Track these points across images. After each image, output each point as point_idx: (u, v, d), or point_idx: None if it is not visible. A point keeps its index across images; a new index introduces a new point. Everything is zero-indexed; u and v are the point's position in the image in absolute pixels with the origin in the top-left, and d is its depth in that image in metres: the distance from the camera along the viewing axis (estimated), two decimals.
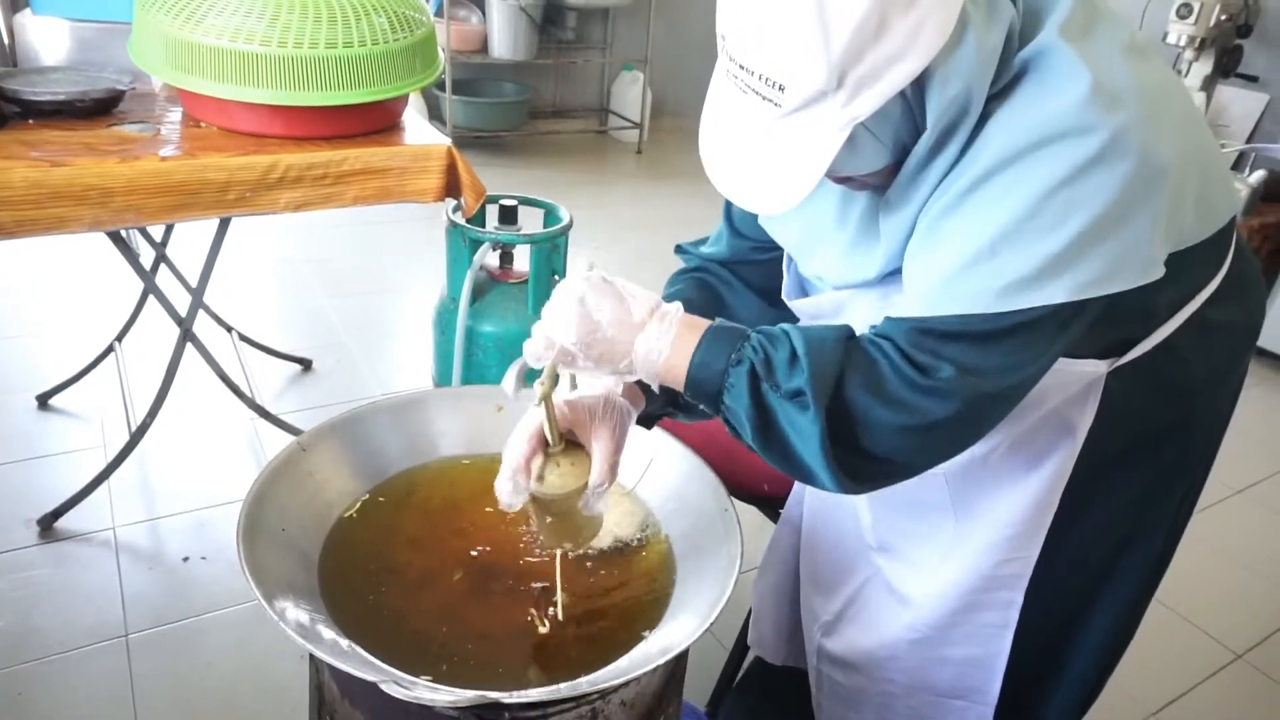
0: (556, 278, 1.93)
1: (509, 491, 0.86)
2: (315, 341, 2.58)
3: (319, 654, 0.77)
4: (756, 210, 0.81)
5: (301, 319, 2.77)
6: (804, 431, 0.77)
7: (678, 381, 0.82)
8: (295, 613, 0.84)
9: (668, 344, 0.81)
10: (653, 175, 4.62)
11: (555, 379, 0.84)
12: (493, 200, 1.87)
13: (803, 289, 1.02)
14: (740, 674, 1.49)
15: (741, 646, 1.48)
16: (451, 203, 1.85)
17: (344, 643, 0.85)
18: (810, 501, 1.18)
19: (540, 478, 0.87)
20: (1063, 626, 1.06)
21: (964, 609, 1.01)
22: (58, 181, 1.29)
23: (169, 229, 2.12)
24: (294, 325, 2.71)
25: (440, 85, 4.21)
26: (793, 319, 1.15)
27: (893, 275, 0.86)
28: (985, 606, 1.01)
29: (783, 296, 1.03)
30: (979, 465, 0.95)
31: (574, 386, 0.93)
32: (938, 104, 0.74)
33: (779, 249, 1.05)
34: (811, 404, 0.76)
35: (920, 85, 0.73)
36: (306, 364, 2.45)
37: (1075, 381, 0.87)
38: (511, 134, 4.63)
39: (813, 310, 0.98)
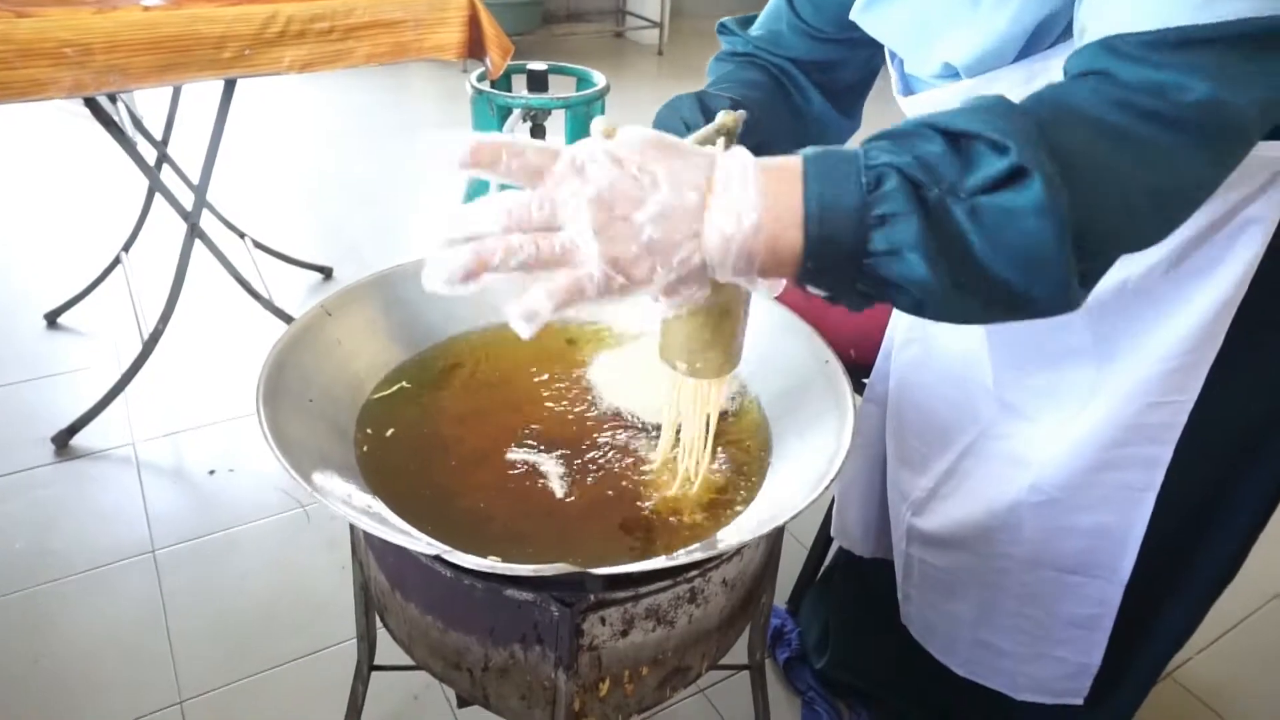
0: None
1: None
2: (334, 250, 2.42)
3: (367, 526, 0.63)
4: None
5: (318, 229, 2.61)
6: (1027, 231, 0.50)
7: (789, 248, 0.51)
8: (335, 487, 0.70)
9: (753, 195, 0.51)
10: (676, 77, 4.38)
11: None
12: (519, 70, 1.69)
13: (910, 87, 0.84)
14: (821, 570, 1.36)
15: (822, 544, 1.35)
16: (476, 71, 1.67)
17: (394, 519, 0.71)
18: (898, 373, 1.02)
19: None
20: (1210, 495, 0.89)
21: (1099, 467, 0.84)
22: (26, 35, 1.12)
23: (169, 126, 1.96)
24: (311, 235, 2.55)
25: None
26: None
27: (1035, 47, 0.68)
28: (1125, 464, 0.84)
29: (895, 95, 0.84)
30: (1131, 294, 0.77)
31: None
32: None
33: (852, 42, 0.86)
34: (1037, 178, 0.49)
35: None
36: (327, 272, 2.30)
37: (1256, 171, 0.70)
38: (525, 38, 4.38)
39: (935, 107, 0.79)
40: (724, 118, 0.63)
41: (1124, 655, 0.96)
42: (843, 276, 0.53)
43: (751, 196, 0.50)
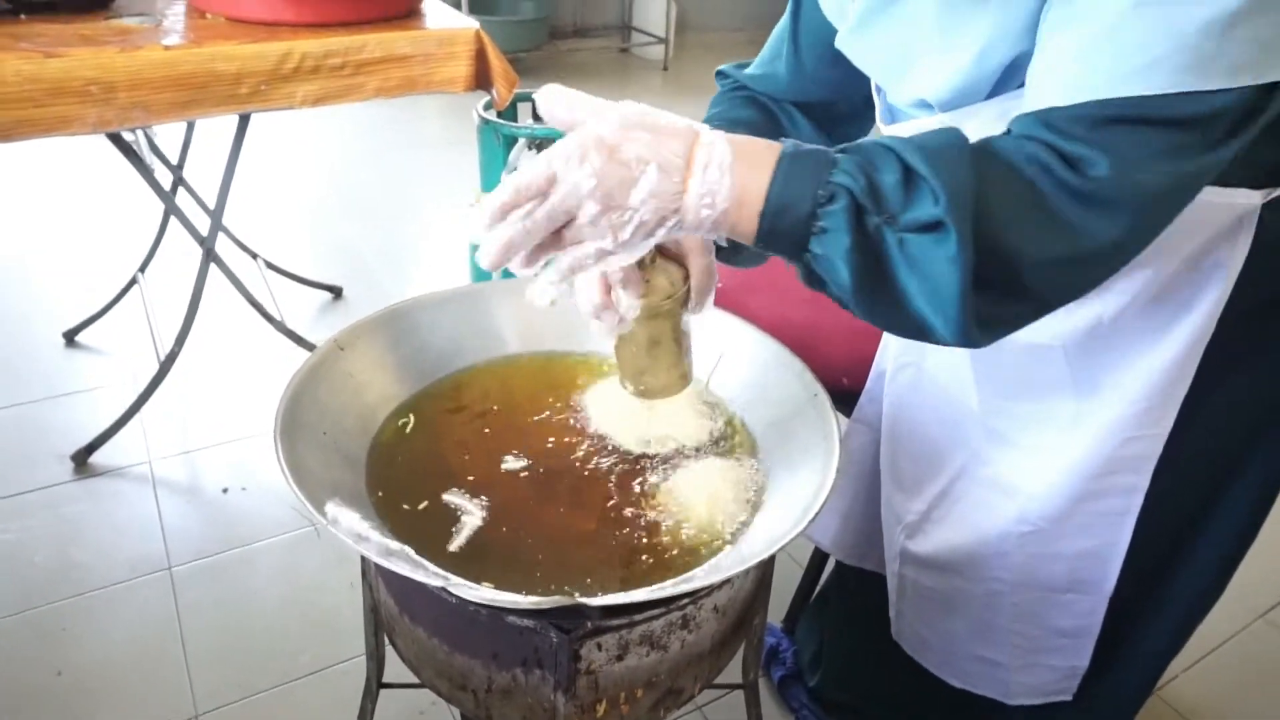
0: None
1: (625, 304, 0.74)
2: (344, 270, 2.47)
3: (374, 559, 0.67)
4: None
5: (328, 249, 2.66)
6: (937, 273, 0.58)
7: (745, 231, 0.62)
8: (345, 518, 0.74)
9: (726, 186, 0.60)
10: (680, 92, 4.42)
11: None
12: (524, 98, 1.74)
13: (893, 116, 0.87)
14: (817, 589, 1.39)
15: (817, 564, 1.39)
16: (482, 100, 1.72)
17: (401, 549, 0.75)
18: (892, 396, 1.06)
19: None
20: (1188, 514, 0.93)
21: (1082, 497, 0.88)
22: (55, 75, 1.17)
23: (185, 151, 2.02)
24: (321, 255, 2.60)
25: (456, 3, 4.02)
26: None
27: (1008, 85, 0.71)
28: (1106, 493, 0.88)
29: (878, 122, 0.88)
30: (1106, 331, 0.81)
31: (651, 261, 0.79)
32: None
33: (845, 89, 0.90)
34: (954, 234, 0.57)
35: None
36: (337, 291, 2.35)
37: (1224, 216, 0.73)
38: (531, 54, 4.44)
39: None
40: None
41: (1109, 654, 0.99)
42: (789, 254, 0.63)
43: (725, 185, 0.60)
